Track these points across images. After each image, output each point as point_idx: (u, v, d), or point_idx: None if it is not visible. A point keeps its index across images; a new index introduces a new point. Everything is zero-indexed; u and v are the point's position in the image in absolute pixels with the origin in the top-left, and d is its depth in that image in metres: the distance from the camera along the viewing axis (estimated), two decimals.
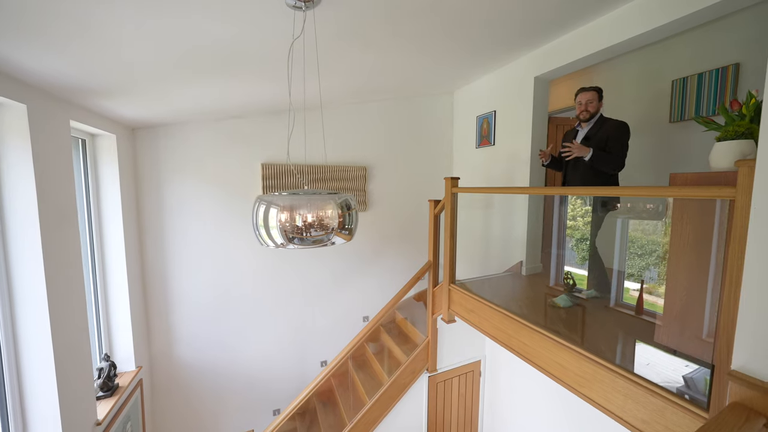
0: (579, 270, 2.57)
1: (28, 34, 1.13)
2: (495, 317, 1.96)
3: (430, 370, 2.84)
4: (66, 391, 1.59)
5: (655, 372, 1.31)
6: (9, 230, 1.43)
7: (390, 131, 3.43)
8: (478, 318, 2.14)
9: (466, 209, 3.08)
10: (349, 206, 1.28)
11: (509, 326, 1.83)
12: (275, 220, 1.06)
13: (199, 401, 2.91)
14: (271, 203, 1.06)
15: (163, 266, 2.68)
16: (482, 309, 2.09)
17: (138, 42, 1.31)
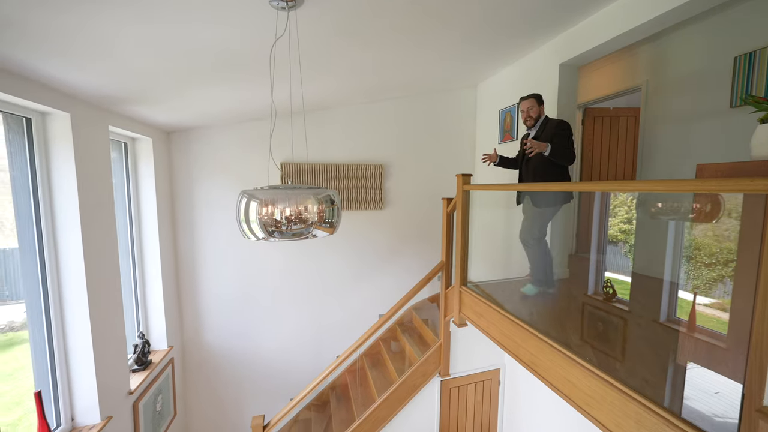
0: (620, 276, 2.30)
1: (67, 55, 1.30)
2: (502, 323, 1.84)
3: (442, 374, 2.75)
4: (101, 363, 1.81)
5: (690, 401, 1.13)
6: (57, 222, 1.67)
7: (407, 128, 3.39)
8: (486, 323, 2.02)
9: (487, 208, 2.93)
10: (332, 201, 1.28)
11: (517, 334, 1.70)
12: (255, 213, 1.10)
13: (224, 385, 3.13)
14: (252, 197, 1.10)
15: (193, 258, 2.93)
16: (490, 313, 1.97)
17: (151, 55, 1.44)
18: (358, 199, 3.26)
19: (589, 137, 3.26)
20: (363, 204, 3.28)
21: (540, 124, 2.13)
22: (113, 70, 1.52)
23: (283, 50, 1.61)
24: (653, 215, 2.12)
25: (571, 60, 2.25)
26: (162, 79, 1.71)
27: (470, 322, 2.25)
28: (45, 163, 1.63)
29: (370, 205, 3.31)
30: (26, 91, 1.41)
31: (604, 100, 3.10)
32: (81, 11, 1.09)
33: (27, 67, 1.33)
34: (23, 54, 1.24)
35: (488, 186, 2.41)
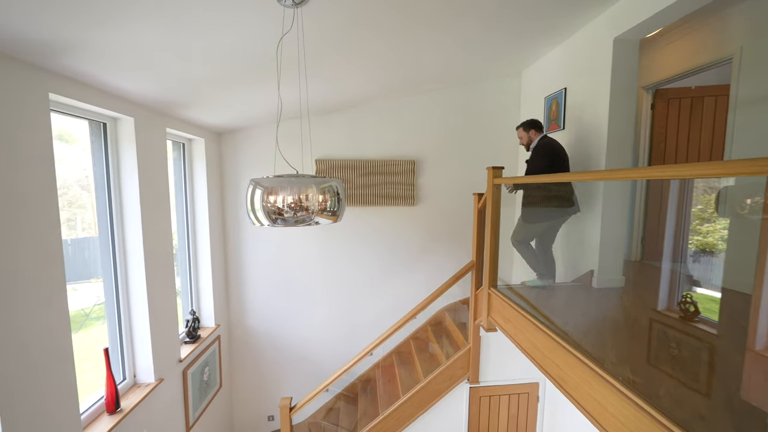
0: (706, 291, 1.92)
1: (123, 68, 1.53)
2: (529, 330, 1.65)
3: (471, 380, 2.59)
4: (156, 332, 2.11)
5: None
6: (124, 213, 1.97)
7: (442, 122, 3.26)
8: (514, 329, 1.84)
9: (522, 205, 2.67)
10: (334, 191, 1.29)
11: (544, 343, 1.51)
12: (259, 200, 1.15)
13: (263, 364, 3.40)
14: (258, 184, 1.16)
15: (239, 248, 3.23)
16: (518, 319, 1.79)
17: (186, 62, 1.61)
18: (390, 195, 3.24)
19: (660, 124, 2.75)
20: (395, 200, 3.25)
21: (533, 148, 2.30)
22: (159, 78, 1.74)
23: (308, 46, 1.66)
24: (743, 214, 1.71)
25: (628, 33, 1.92)
26: (201, 83, 1.91)
27: (498, 327, 2.07)
28: (116, 161, 1.94)
29: (402, 201, 3.26)
30: (102, 99, 1.69)
31: (677, 78, 2.58)
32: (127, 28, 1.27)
33: (99, 80, 1.60)
34: (95, 69, 1.49)
35: (519, 178, 2.18)
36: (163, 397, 2.20)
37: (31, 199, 1.34)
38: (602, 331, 1.72)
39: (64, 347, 1.48)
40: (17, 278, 1.28)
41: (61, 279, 1.46)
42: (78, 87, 1.55)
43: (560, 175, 2.08)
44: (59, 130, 1.82)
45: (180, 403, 2.41)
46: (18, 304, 1.28)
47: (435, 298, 2.65)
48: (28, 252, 1.33)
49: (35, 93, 1.35)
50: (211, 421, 2.95)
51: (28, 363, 1.32)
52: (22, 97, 1.30)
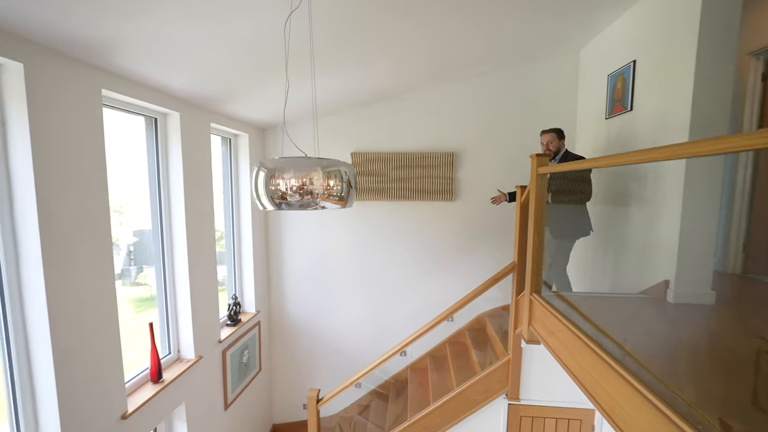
0: None
1: (165, 64, 1.66)
2: (577, 347, 1.38)
3: (510, 396, 2.32)
4: (197, 313, 2.28)
5: None
6: (171, 204, 2.16)
7: (484, 111, 2.99)
8: (559, 344, 1.57)
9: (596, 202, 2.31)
10: (344, 177, 1.21)
11: (594, 366, 1.24)
12: (263, 183, 1.13)
13: (300, 352, 3.50)
14: (261, 166, 1.13)
15: (280, 240, 3.37)
16: (563, 333, 1.51)
17: (217, 55, 1.69)
18: (427, 189, 3.08)
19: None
20: (432, 195, 3.08)
21: (561, 157, 2.17)
22: (196, 72, 1.85)
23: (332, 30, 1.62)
24: None
25: None
26: (235, 77, 2.00)
27: (541, 339, 1.80)
28: (165, 154, 2.14)
29: (440, 196, 3.08)
30: (148, 95, 1.86)
31: None
32: (160, 21, 1.35)
33: (144, 76, 1.75)
34: (140, 66, 1.64)
35: (569, 165, 1.85)
36: (203, 374, 2.37)
37: (86, 187, 1.51)
38: (676, 358, 1.36)
39: (110, 318, 1.65)
40: (76, 256, 1.46)
41: (109, 258, 1.63)
42: (126, 83, 1.72)
43: (625, 154, 1.72)
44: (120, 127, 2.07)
45: (219, 381, 2.58)
46: (76, 279, 1.46)
47: (471, 299, 2.43)
48: (83, 234, 1.50)
49: (89, 88, 1.52)
50: (250, 401, 3.12)
51: (83, 331, 1.50)
52: (78, 92, 1.47)
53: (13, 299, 1.34)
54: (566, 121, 2.90)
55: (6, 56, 1.21)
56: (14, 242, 1.33)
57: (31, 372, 1.39)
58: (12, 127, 1.29)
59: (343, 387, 2.54)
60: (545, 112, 2.94)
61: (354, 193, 1.37)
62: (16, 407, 1.39)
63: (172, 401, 2.08)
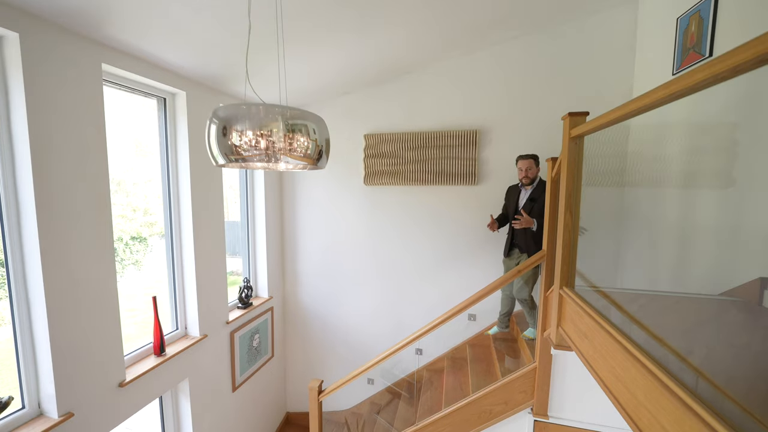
0: None
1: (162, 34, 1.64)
2: (616, 355, 1.03)
3: (536, 411, 1.95)
4: (203, 293, 2.29)
5: None
6: (179, 181, 2.18)
7: (514, 80, 2.60)
8: (591, 349, 1.21)
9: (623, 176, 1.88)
10: (314, 136, 1.03)
11: (639, 382, 0.90)
12: (215, 135, 0.99)
13: (313, 341, 3.43)
14: (214, 116, 0.99)
15: (294, 226, 3.32)
16: (599, 336, 1.16)
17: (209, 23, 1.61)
18: (447, 172, 2.78)
19: None
20: (452, 178, 2.77)
21: (537, 185, 2.24)
22: (197, 46, 1.81)
23: None
24: None
25: None
26: (234, 49, 1.92)
27: (571, 344, 1.43)
28: (173, 136, 2.16)
29: (461, 179, 2.76)
30: (151, 71, 1.87)
31: None
32: None
33: (144, 51, 1.75)
34: (140, 41, 1.63)
35: (610, 116, 1.41)
36: (208, 352, 2.37)
37: (85, 158, 1.53)
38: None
39: (109, 284, 1.67)
40: (75, 219, 1.48)
41: (108, 228, 1.65)
42: (128, 59, 1.73)
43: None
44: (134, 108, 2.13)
45: (226, 362, 2.58)
46: (72, 244, 1.48)
47: (490, 292, 2.09)
48: (82, 204, 1.52)
49: (89, 61, 1.53)
50: (262, 387, 3.11)
51: (79, 295, 1.53)
52: (77, 65, 1.48)
53: (15, 262, 1.39)
54: (620, 89, 2.40)
55: (2, 26, 1.24)
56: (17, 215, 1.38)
57: (32, 330, 1.44)
58: (12, 95, 1.33)
59: (346, 380, 2.37)
60: (590, 76, 2.46)
61: (326, 155, 1.18)
62: (18, 363, 1.45)
63: (173, 376, 2.09)
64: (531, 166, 2.22)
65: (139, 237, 2.67)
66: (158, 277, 2.42)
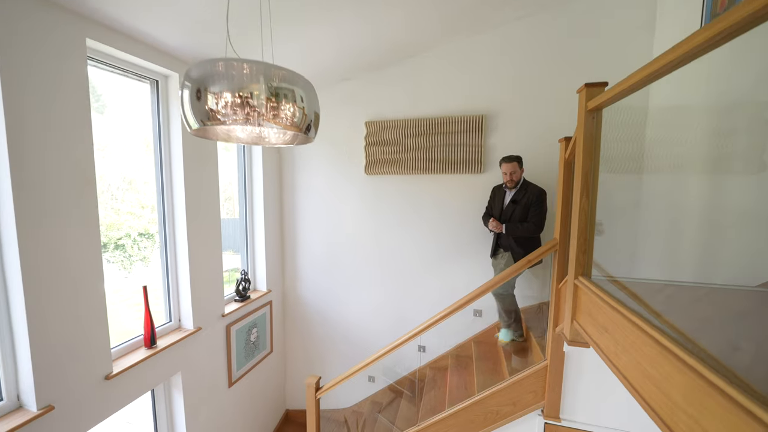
0: None
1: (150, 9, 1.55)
2: (645, 351, 0.89)
3: (547, 413, 1.82)
4: (197, 285, 2.20)
5: None
6: (173, 167, 2.10)
7: (523, 63, 2.46)
8: (613, 344, 1.08)
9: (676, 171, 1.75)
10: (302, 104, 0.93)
11: (675, 380, 0.76)
12: (188, 102, 0.88)
13: (313, 337, 3.33)
14: (187, 78, 0.88)
15: (294, 218, 3.22)
16: (623, 329, 1.02)
17: None
18: (451, 160, 2.65)
19: None
20: (457, 166, 2.64)
21: (520, 187, 2.23)
22: (181, 24, 1.71)
23: None
24: None
25: None
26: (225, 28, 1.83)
27: (588, 340, 1.29)
28: (166, 119, 2.07)
29: (466, 167, 2.62)
30: (139, 50, 1.78)
31: None
32: None
33: (131, 26, 1.66)
34: (125, 14, 1.55)
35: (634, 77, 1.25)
36: (202, 346, 2.29)
37: (68, 139, 1.45)
38: None
39: (95, 268, 1.59)
40: (57, 204, 1.41)
41: (93, 205, 1.57)
42: (115, 35, 1.64)
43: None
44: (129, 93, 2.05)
45: (222, 356, 2.50)
46: (55, 233, 1.41)
47: (496, 284, 1.96)
48: (65, 188, 1.44)
49: (71, 35, 1.45)
50: (260, 383, 3.03)
51: (64, 286, 1.45)
52: (58, 38, 1.40)
53: None
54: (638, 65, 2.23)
55: None
56: None
57: (9, 318, 1.37)
58: None
59: (344, 377, 2.26)
60: (602, 62, 2.30)
61: (315, 128, 1.08)
62: None
63: (165, 369, 2.02)
64: (515, 169, 2.18)
65: (146, 233, 2.62)
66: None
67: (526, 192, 2.20)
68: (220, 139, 1.12)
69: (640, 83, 0.99)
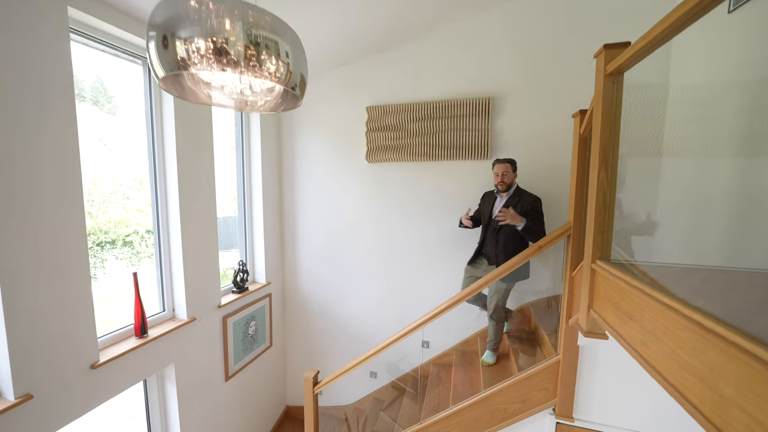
0: None
1: None
2: (682, 337, 0.76)
3: (559, 412, 1.68)
4: (191, 274, 2.12)
5: None
6: (165, 153, 2.02)
7: (528, 41, 2.31)
8: (640, 332, 0.94)
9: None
10: (287, 59, 0.83)
11: (724, 369, 0.63)
12: (155, 51, 0.78)
13: (314, 332, 3.24)
14: (149, 26, 0.78)
15: (294, 208, 3.13)
16: (653, 314, 0.89)
17: None
18: (455, 145, 2.52)
19: None
20: (462, 152, 2.51)
21: (513, 192, 2.11)
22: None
23: None
24: None
25: None
26: None
27: (608, 329, 1.16)
28: (158, 98, 1.99)
29: (472, 153, 2.49)
30: (128, 23, 1.70)
31: None
32: None
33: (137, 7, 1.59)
34: None
35: (658, 28, 1.08)
36: (197, 337, 2.21)
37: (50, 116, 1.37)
38: None
39: (80, 255, 1.51)
40: (40, 193, 1.33)
41: (78, 195, 1.49)
42: (100, 5, 1.56)
43: None
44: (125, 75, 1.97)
45: (218, 349, 2.42)
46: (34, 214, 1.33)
47: (504, 273, 1.83)
48: (48, 170, 1.37)
49: (48, 3, 1.36)
50: (260, 378, 2.95)
51: (44, 269, 1.37)
52: (31, 7, 1.32)
53: None
54: None
55: None
56: None
57: None
58: None
59: (344, 371, 2.16)
60: (618, 34, 2.13)
61: (301, 91, 0.97)
62: None
63: (156, 360, 1.94)
64: (507, 170, 2.06)
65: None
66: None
67: (520, 199, 2.06)
68: (202, 101, 1.02)
69: (666, 33, 0.86)
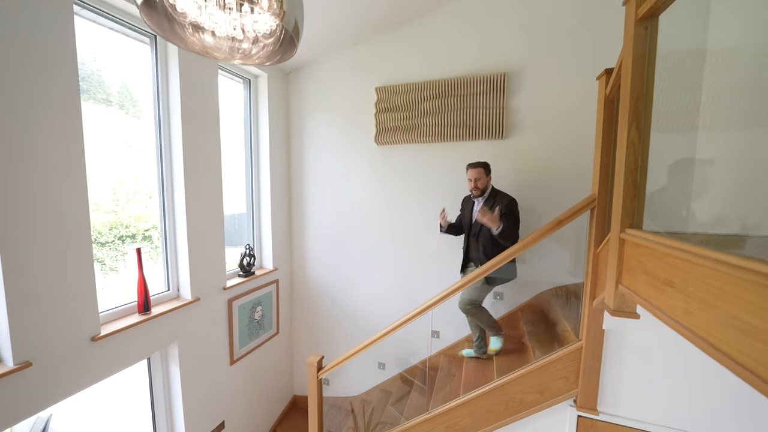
0: None
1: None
2: (750, 297, 0.63)
3: (581, 404, 1.55)
4: (195, 253, 2.10)
5: None
6: (172, 136, 1.99)
7: (547, 8, 2.16)
8: (683, 300, 0.81)
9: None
10: None
11: None
12: None
13: (321, 321, 3.18)
14: None
15: (302, 194, 3.08)
16: (699, 276, 0.76)
17: None
18: (468, 125, 2.40)
19: None
20: (475, 132, 2.39)
21: (489, 196, 2.08)
22: None
23: None
24: None
25: None
26: None
27: (642, 302, 1.02)
28: (165, 76, 1.97)
29: (486, 133, 2.37)
30: None
31: None
32: None
33: None
34: None
35: None
36: (201, 318, 2.18)
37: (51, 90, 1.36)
38: None
39: (82, 225, 1.50)
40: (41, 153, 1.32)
41: (80, 154, 1.47)
42: None
43: None
44: None
45: (223, 331, 2.39)
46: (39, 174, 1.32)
47: (517, 253, 1.70)
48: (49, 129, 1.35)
49: None
50: (266, 365, 2.91)
51: (45, 237, 1.36)
52: None
53: None
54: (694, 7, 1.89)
55: None
56: None
57: None
58: None
59: (349, 355, 2.07)
60: None
61: (297, 39, 0.90)
62: None
63: (160, 338, 1.91)
64: (480, 175, 2.02)
65: None
66: None
67: (495, 201, 2.03)
68: (189, 47, 0.96)
69: None
